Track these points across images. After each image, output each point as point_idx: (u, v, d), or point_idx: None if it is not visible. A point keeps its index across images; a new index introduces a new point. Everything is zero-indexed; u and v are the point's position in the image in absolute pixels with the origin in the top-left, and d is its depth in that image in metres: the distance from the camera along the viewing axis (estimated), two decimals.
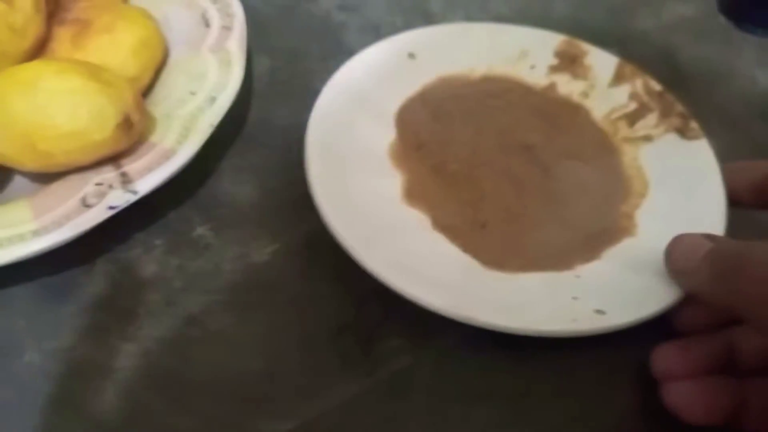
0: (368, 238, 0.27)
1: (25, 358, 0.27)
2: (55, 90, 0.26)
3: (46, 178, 0.29)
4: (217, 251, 0.31)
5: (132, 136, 0.27)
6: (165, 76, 0.33)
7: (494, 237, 0.29)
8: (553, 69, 0.36)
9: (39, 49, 0.31)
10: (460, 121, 0.33)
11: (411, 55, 0.34)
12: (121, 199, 0.27)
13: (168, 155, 0.28)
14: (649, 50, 0.42)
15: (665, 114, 0.34)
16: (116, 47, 0.31)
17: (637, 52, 0.41)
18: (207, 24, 0.34)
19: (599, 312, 0.26)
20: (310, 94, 0.33)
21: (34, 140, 0.26)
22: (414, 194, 0.30)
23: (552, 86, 0.36)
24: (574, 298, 0.27)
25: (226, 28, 0.33)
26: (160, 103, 0.31)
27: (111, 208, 0.27)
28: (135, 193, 0.27)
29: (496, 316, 0.25)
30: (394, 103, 0.33)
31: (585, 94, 0.35)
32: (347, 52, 0.41)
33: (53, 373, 0.27)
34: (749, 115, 0.39)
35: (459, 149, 0.32)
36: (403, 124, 0.33)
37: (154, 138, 0.29)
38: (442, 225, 0.30)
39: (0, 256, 0.25)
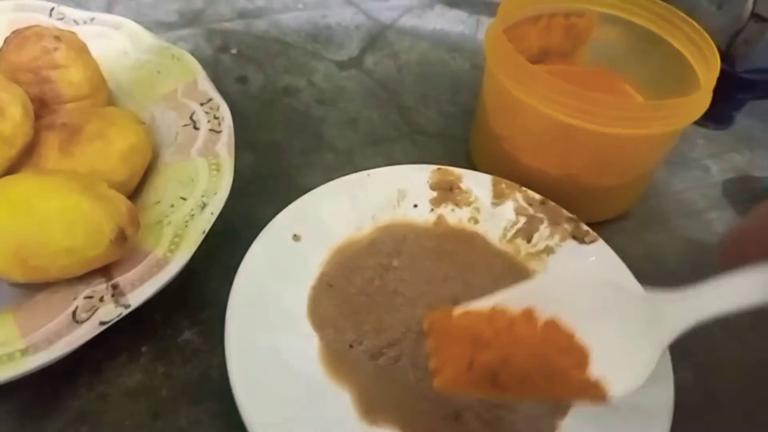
0: None
1: None
2: (49, 209, 0.26)
3: (30, 286, 0.28)
4: (205, 357, 0.30)
5: (126, 248, 0.27)
6: (154, 179, 0.33)
7: (473, 426, 0.27)
8: (435, 202, 0.35)
9: (26, 154, 0.31)
10: (378, 301, 0.31)
11: (296, 237, 0.32)
12: (113, 313, 0.26)
13: (160, 264, 0.28)
14: None
15: (555, 221, 0.34)
16: (107, 154, 0.31)
17: None
18: (195, 126, 0.34)
19: None
20: (292, 190, 0.33)
21: (25, 256, 0.26)
22: (371, 408, 0.27)
23: (441, 220, 0.35)
24: None
25: (215, 131, 0.34)
26: (151, 208, 0.31)
27: (102, 323, 0.26)
28: (127, 306, 0.27)
29: None
30: (301, 299, 0.31)
31: (474, 220, 0.35)
32: (327, 147, 0.42)
33: None
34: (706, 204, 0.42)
35: (392, 332, 0.30)
36: (322, 327, 0.30)
37: (146, 245, 0.29)
38: None
39: None
